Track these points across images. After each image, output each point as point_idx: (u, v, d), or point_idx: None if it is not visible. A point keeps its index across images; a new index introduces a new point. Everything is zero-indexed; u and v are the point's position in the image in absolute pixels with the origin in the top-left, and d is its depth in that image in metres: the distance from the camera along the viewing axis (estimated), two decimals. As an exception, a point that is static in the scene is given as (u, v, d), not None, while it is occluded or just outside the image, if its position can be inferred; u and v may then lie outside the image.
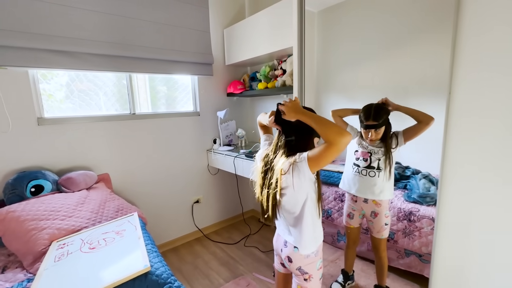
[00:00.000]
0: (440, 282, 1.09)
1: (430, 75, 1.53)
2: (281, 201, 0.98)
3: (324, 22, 2.16)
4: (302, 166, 0.89)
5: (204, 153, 2.53)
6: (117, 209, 1.61)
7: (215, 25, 2.42)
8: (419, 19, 1.57)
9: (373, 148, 1.46)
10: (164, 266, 1.05)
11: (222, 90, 2.59)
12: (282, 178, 0.93)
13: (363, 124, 1.43)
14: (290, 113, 0.91)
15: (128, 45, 1.86)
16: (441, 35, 1.39)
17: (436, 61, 1.47)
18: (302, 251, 0.98)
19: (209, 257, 2.18)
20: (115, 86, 2.03)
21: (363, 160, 1.50)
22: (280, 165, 0.93)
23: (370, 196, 1.50)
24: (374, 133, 1.39)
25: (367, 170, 1.48)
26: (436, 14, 1.46)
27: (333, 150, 0.82)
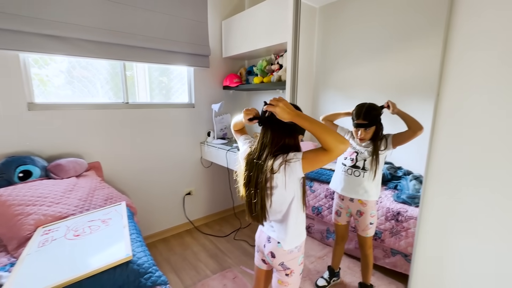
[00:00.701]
0: (419, 277, 1.10)
1: (427, 76, 1.52)
2: (271, 203, 0.96)
3: (325, 17, 2.13)
4: (295, 165, 0.87)
5: (198, 145, 2.52)
6: (106, 198, 1.61)
7: (213, 16, 2.38)
8: (421, 20, 1.56)
9: (360, 148, 1.47)
10: (147, 256, 1.05)
11: (218, 82, 2.57)
12: (273, 177, 0.91)
13: (354, 123, 1.42)
14: (284, 114, 0.86)
15: (123, 32, 1.83)
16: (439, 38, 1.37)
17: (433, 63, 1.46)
18: (286, 246, 0.99)
19: (198, 249, 2.19)
20: (109, 74, 2.01)
21: (349, 160, 1.50)
22: (270, 164, 0.90)
23: (354, 196, 1.50)
24: (363, 132, 1.39)
25: (352, 169, 1.49)
26: (432, 17, 1.44)
27: (330, 156, 0.82)
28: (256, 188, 0.95)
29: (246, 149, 1.05)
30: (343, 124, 1.59)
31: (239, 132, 1.18)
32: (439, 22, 0.96)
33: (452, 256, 0.98)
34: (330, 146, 0.81)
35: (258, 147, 0.97)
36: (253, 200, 0.96)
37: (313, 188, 2.14)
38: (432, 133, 0.94)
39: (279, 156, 0.90)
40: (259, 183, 0.94)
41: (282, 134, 0.93)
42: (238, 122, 1.12)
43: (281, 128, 0.93)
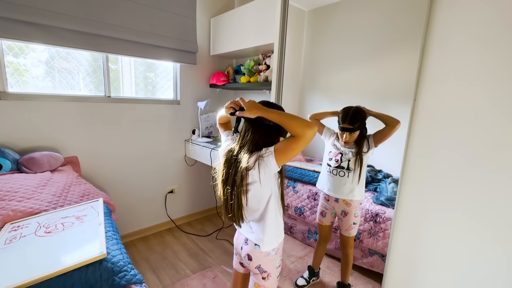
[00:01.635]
0: (393, 276, 1.14)
1: (404, 84, 1.58)
2: (247, 201, 0.95)
3: (313, 21, 2.17)
4: (269, 160, 0.87)
5: (182, 143, 2.48)
6: (82, 194, 1.55)
7: (202, 13, 2.36)
8: (400, 31, 1.62)
9: (344, 149, 1.50)
10: (122, 254, 1.02)
11: (205, 80, 2.55)
12: (248, 174, 0.91)
13: (340, 126, 1.45)
14: (251, 110, 0.88)
15: (106, 23, 1.77)
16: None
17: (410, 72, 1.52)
18: (264, 248, 0.98)
19: (179, 248, 2.16)
20: (91, 66, 1.93)
21: (334, 161, 1.53)
22: (245, 160, 0.90)
23: (340, 196, 1.53)
24: (348, 135, 1.43)
25: (337, 170, 1.52)
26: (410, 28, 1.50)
27: (300, 142, 0.82)
28: (233, 186, 0.94)
29: (227, 146, 1.03)
30: (330, 124, 1.62)
31: (223, 126, 1.17)
32: (416, 34, 1.00)
33: (424, 256, 1.02)
34: (297, 131, 0.82)
35: (238, 145, 0.97)
36: (230, 200, 0.95)
37: (296, 188, 2.16)
38: (408, 137, 0.98)
39: (254, 153, 0.91)
40: (235, 180, 0.93)
41: (264, 134, 0.93)
42: (222, 116, 1.10)
43: (263, 128, 0.93)
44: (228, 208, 0.97)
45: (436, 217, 0.96)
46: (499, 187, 0.81)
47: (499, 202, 0.82)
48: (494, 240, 0.85)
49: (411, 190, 1.02)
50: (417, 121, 0.95)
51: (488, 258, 0.86)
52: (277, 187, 0.96)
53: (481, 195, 0.85)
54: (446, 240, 0.96)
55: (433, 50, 0.91)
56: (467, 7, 0.83)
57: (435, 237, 0.98)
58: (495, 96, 0.81)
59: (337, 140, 1.54)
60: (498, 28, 0.79)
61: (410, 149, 0.98)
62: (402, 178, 1.03)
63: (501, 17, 0.78)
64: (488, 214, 0.84)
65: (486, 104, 0.82)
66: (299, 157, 2.35)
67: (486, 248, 0.86)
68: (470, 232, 0.90)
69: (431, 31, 0.91)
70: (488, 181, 0.84)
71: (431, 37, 0.91)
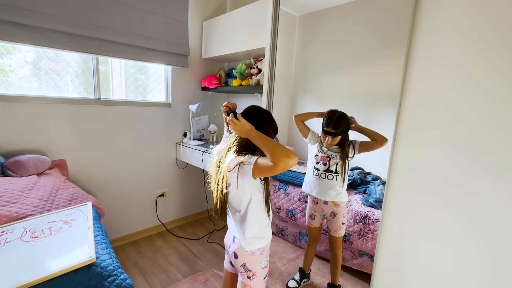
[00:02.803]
0: (381, 276, 1.16)
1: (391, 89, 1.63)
2: (227, 197, 1.00)
3: (304, 26, 2.21)
4: (247, 169, 0.91)
5: (173, 146, 2.47)
6: (70, 198, 1.52)
7: (194, 16, 2.37)
8: (386, 38, 1.67)
9: (331, 153, 1.53)
10: (111, 258, 1.00)
11: (197, 83, 2.55)
12: (228, 174, 0.95)
13: (323, 129, 1.49)
14: (241, 132, 0.93)
15: (96, 25, 1.76)
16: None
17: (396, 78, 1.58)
18: (246, 247, 1.01)
19: (169, 252, 2.13)
20: (80, 68, 1.91)
21: (322, 164, 1.56)
22: (228, 161, 0.94)
23: (329, 198, 1.56)
24: (331, 139, 1.46)
25: (326, 173, 1.55)
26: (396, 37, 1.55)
27: (278, 170, 0.84)
28: (217, 183, 0.99)
29: (222, 145, 1.07)
30: (314, 126, 1.65)
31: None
32: (402, 42, 1.05)
33: (411, 256, 1.05)
34: (277, 161, 0.82)
35: (228, 146, 1.00)
36: (216, 195, 1.01)
37: (287, 191, 2.18)
38: (395, 141, 1.01)
39: (239, 157, 0.94)
40: (219, 178, 0.98)
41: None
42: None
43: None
44: (216, 203, 1.02)
45: (422, 218, 0.99)
46: (485, 189, 0.85)
47: (484, 203, 0.86)
48: (480, 241, 0.88)
49: (397, 191, 1.05)
50: (403, 125, 0.98)
51: (474, 258, 0.89)
52: (260, 193, 0.99)
53: (468, 196, 0.89)
54: (432, 240, 0.99)
55: (417, 58, 0.95)
56: (450, 15, 0.88)
57: (421, 237, 1.01)
58: (478, 102, 0.85)
59: (322, 145, 1.57)
60: (481, 35, 0.83)
61: (396, 152, 1.01)
62: (389, 180, 1.06)
63: (484, 23, 0.83)
64: (474, 215, 0.88)
65: (469, 110, 0.87)
66: None
67: (471, 249, 0.90)
68: (455, 233, 0.93)
69: (415, 40, 0.95)
70: (474, 182, 0.87)
71: (415, 45, 0.95)
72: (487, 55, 0.82)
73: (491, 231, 0.86)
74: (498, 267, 0.84)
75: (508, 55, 0.79)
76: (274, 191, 2.26)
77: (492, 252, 0.85)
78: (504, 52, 0.80)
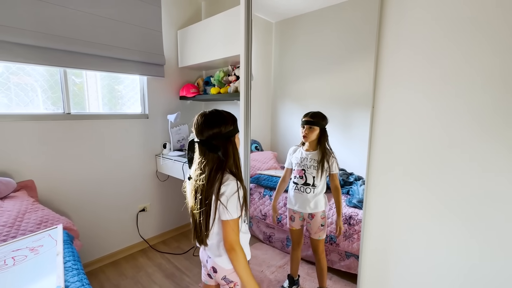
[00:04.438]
0: (367, 275, 1.16)
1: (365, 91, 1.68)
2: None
3: (281, 32, 2.24)
4: (221, 207, 0.91)
5: (153, 158, 2.38)
6: (39, 222, 1.41)
7: (168, 25, 2.33)
8: (359, 41, 1.72)
9: (306, 164, 1.54)
10: (84, 285, 0.93)
11: (175, 92, 2.49)
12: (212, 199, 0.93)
13: (302, 120, 1.54)
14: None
15: (63, 37, 1.67)
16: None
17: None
18: (225, 265, 0.99)
19: (153, 270, 2.03)
20: (46, 82, 1.80)
21: (299, 178, 1.57)
22: (215, 187, 0.92)
23: (308, 210, 1.59)
24: (308, 129, 1.50)
25: (304, 187, 1.57)
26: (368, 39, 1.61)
27: (225, 247, 0.93)
28: (200, 206, 0.95)
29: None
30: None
31: None
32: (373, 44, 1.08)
33: (393, 252, 1.06)
34: (231, 257, 0.92)
35: (199, 167, 0.96)
36: (198, 220, 0.96)
37: (272, 197, 2.16)
38: (370, 141, 1.03)
39: (221, 187, 0.92)
40: (198, 202, 0.95)
41: (216, 160, 0.93)
42: None
43: (215, 147, 0.93)
44: (197, 228, 0.98)
45: (402, 211, 1.01)
46: (456, 180, 0.88)
47: (456, 193, 0.89)
48: (462, 231, 0.90)
49: (376, 190, 1.07)
50: (377, 126, 1.00)
51: (457, 249, 0.91)
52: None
53: (442, 189, 0.91)
54: (412, 232, 1.01)
55: (385, 61, 0.97)
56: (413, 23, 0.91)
57: (401, 233, 1.03)
58: (442, 99, 0.88)
59: (298, 156, 1.58)
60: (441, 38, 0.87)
61: (372, 151, 1.03)
62: (368, 179, 1.08)
63: (444, 29, 0.86)
64: (450, 204, 0.90)
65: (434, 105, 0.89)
66: (274, 164, 2.37)
67: (452, 240, 0.92)
68: (436, 230, 0.95)
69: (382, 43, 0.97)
70: (445, 175, 0.90)
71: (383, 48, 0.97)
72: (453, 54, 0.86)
73: (476, 221, 0.88)
74: (485, 264, 0.86)
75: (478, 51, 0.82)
76: (260, 197, 2.23)
77: (480, 248, 0.87)
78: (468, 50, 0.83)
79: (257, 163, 2.30)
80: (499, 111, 0.79)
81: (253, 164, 2.26)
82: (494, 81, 0.79)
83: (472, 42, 0.82)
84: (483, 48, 0.80)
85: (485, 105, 0.81)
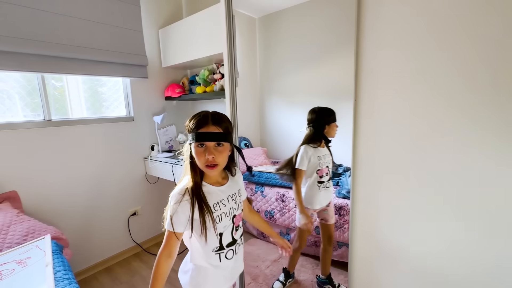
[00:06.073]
0: (357, 262, 1.21)
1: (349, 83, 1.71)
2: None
3: (264, 28, 2.23)
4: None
5: (141, 161, 2.35)
6: (26, 233, 1.37)
7: (148, 25, 2.28)
8: (343, 30, 1.73)
9: (326, 160, 1.57)
10: (76, 294, 0.92)
11: (160, 93, 2.45)
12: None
13: (333, 118, 1.54)
14: None
15: (37, 41, 1.61)
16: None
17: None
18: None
19: (148, 273, 2.02)
20: (23, 88, 1.74)
21: (325, 175, 1.58)
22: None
23: (328, 201, 1.63)
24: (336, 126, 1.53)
25: (329, 182, 1.61)
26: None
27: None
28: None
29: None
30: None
31: None
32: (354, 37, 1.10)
33: (381, 239, 1.10)
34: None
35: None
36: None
37: (264, 192, 2.18)
38: (354, 130, 1.06)
39: None
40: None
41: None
42: None
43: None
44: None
45: (387, 198, 1.05)
46: (438, 165, 0.92)
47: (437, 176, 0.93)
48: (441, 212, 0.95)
49: (362, 179, 1.10)
50: (359, 116, 1.03)
51: (440, 229, 0.96)
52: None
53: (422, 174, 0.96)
54: (396, 221, 1.05)
55: (365, 54, 0.99)
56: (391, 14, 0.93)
57: (387, 219, 1.07)
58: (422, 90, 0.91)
59: (317, 156, 1.54)
60: (419, 28, 0.90)
61: (357, 141, 1.06)
62: (354, 169, 1.11)
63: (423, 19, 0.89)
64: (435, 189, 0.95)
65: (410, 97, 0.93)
66: (264, 160, 2.38)
67: (437, 222, 0.96)
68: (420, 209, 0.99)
69: (362, 36, 0.99)
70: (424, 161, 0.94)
71: (362, 39, 0.99)
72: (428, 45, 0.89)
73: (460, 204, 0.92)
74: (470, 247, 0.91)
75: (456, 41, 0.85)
76: (251, 194, 2.25)
77: (467, 232, 0.91)
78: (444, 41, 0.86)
79: (248, 159, 2.30)
80: (473, 96, 0.83)
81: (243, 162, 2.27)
82: (467, 66, 0.83)
83: (445, 32, 0.85)
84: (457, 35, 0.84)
85: (458, 92, 0.85)
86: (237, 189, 0.98)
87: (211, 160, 0.82)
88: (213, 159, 0.82)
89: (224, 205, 0.90)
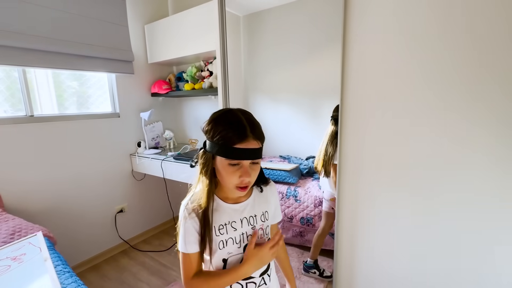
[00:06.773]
0: (342, 249, 1.33)
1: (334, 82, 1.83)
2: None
3: (249, 26, 2.29)
4: None
5: (127, 157, 2.33)
6: (12, 232, 1.35)
7: (134, 20, 2.25)
8: (328, 29, 1.83)
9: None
10: (80, 286, 0.95)
11: (146, 89, 2.44)
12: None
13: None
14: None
15: (16, 33, 1.54)
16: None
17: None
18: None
19: (137, 269, 2.03)
20: (1, 83, 1.66)
21: None
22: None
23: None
24: None
25: None
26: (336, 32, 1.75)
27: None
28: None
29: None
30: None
31: None
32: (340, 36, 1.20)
33: (363, 226, 1.23)
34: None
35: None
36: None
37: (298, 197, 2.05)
38: (341, 127, 1.17)
39: None
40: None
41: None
42: None
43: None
44: None
45: (368, 191, 1.18)
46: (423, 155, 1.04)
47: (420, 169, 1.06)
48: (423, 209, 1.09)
49: (347, 174, 1.22)
50: (345, 114, 1.14)
51: (418, 225, 1.09)
52: None
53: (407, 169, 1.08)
54: (377, 210, 1.18)
55: (351, 53, 1.10)
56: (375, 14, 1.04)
57: (369, 209, 1.20)
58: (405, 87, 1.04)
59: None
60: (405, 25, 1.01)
61: (343, 137, 1.17)
62: (340, 163, 1.22)
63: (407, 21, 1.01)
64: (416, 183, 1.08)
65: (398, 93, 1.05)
66: (275, 155, 2.40)
67: (418, 218, 1.10)
68: (395, 203, 1.13)
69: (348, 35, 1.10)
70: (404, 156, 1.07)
71: (348, 40, 1.10)
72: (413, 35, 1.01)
73: (438, 201, 1.06)
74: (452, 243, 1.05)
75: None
76: (283, 198, 2.08)
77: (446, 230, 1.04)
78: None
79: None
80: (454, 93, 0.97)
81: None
82: (446, 66, 0.96)
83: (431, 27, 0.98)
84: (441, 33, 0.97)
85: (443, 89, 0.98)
86: (263, 210, 0.76)
87: (247, 183, 0.66)
88: (249, 182, 0.66)
89: (234, 229, 0.71)
